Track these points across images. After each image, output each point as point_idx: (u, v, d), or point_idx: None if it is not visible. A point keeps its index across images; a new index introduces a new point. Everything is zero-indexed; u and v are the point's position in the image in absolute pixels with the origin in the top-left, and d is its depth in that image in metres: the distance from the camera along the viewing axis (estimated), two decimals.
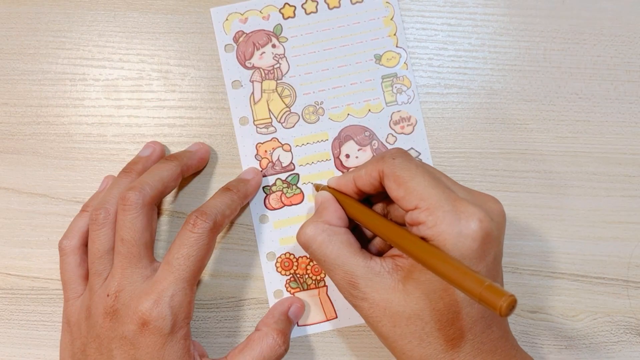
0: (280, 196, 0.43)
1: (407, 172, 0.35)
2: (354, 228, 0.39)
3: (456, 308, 0.33)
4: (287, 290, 0.43)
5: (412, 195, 0.34)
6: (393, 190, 0.35)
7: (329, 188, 0.40)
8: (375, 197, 0.39)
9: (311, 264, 0.43)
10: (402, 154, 0.36)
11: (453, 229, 0.32)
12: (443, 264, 0.30)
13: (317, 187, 0.42)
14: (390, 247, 0.38)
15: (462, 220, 0.32)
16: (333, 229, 0.37)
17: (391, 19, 0.44)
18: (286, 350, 0.39)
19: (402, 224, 0.36)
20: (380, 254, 0.39)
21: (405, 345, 0.34)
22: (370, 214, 0.37)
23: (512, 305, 0.26)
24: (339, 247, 0.36)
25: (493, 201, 0.35)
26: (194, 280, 0.37)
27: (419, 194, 0.34)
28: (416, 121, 0.44)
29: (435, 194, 0.33)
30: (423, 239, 0.33)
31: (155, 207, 0.39)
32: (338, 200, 0.39)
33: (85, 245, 0.40)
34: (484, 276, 0.28)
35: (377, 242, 0.40)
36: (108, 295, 0.37)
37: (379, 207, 0.40)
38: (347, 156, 0.43)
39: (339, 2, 0.44)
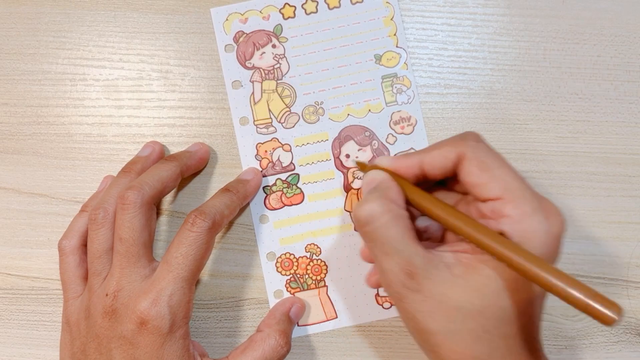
0: (281, 196, 0.43)
1: (492, 158, 0.33)
2: None
3: (522, 306, 0.32)
4: (287, 291, 0.43)
5: (497, 183, 0.32)
6: (474, 176, 0.33)
7: (382, 169, 0.36)
8: (437, 181, 0.37)
9: (311, 264, 0.43)
10: (483, 139, 0.34)
11: (542, 227, 0.31)
12: (540, 270, 0.29)
13: (364, 167, 0.39)
14: (442, 239, 0.37)
15: (550, 220, 0.31)
16: (399, 211, 0.33)
17: (391, 19, 0.44)
18: (288, 350, 0.39)
19: None
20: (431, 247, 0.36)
21: (457, 342, 0.32)
22: (438, 202, 0.34)
23: (622, 315, 0.26)
24: (404, 232, 0.33)
25: (554, 204, 0.34)
26: (193, 280, 0.37)
27: (505, 184, 0.32)
28: (416, 121, 0.44)
29: (522, 188, 0.32)
30: (500, 233, 0.31)
31: (154, 206, 0.39)
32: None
33: (84, 245, 0.40)
34: (587, 285, 0.27)
35: (430, 235, 0.38)
36: (107, 295, 0.37)
37: (440, 194, 0.37)
38: (347, 156, 0.43)
39: (339, 2, 0.44)
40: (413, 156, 0.35)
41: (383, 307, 0.43)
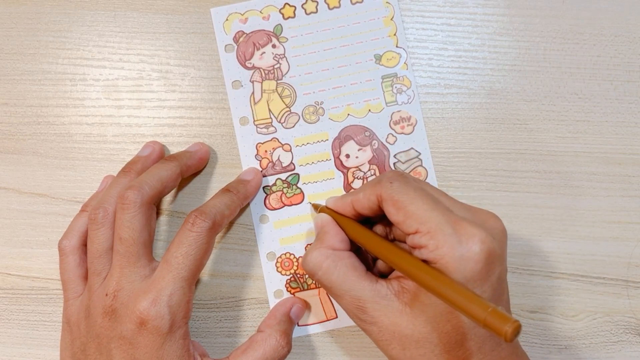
0: (281, 196, 0.43)
1: (405, 196, 0.34)
2: (357, 249, 0.39)
3: (464, 330, 0.33)
4: (288, 290, 0.43)
5: (412, 219, 0.34)
6: (392, 215, 0.35)
7: (327, 209, 0.40)
8: (376, 217, 0.39)
9: None
10: (400, 177, 0.36)
11: (455, 252, 0.32)
12: (446, 288, 0.30)
13: (316, 207, 0.42)
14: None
15: (463, 243, 0.32)
16: (337, 254, 0.36)
17: (391, 19, 0.44)
18: (289, 351, 0.39)
19: (404, 243, 0.36)
20: (385, 274, 0.38)
21: None
22: (371, 236, 0.36)
23: (517, 330, 0.26)
24: (345, 272, 0.36)
25: (494, 219, 0.35)
26: (193, 280, 0.37)
27: (419, 218, 0.33)
28: (416, 121, 0.44)
29: (435, 217, 0.33)
30: (425, 262, 0.33)
31: (154, 206, 0.39)
32: (338, 223, 0.38)
33: (84, 245, 0.40)
34: (488, 299, 0.28)
35: (381, 263, 0.40)
36: (107, 295, 0.37)
37: (379, 227, 0.39)
38: (347, 156, 0.43)
39: (339, 2, 0.44)
40: (347, 197, 0.38)
41: None
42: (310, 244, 0.43)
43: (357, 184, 0.43)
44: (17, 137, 0.45)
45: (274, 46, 0.44)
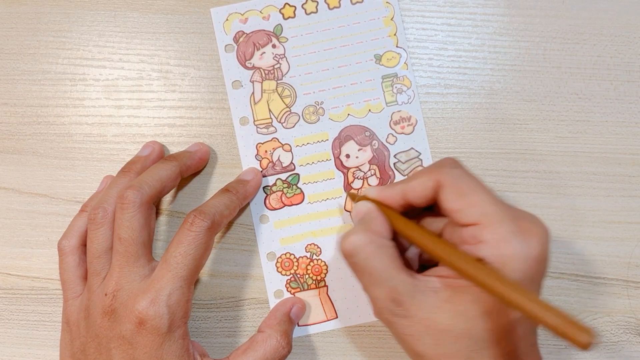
0: (281, 196, 0.43)
1: (468, 184, 0.33)
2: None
3: (509, 327, 0.32)
4: (288, 291, 0.43)
5: (474, 209, 0.33)
6: (451, 202, 0.33)
7: (370, 199, 0.38)
8: (417, 210, 0.38)
9: (311, 264, 0.43)
10: (460, 165, 0.35)
11: (519, 251, 0.31)
12: (517, 295, 0.29)
13: (354, 197, 0.41)
14: (430, 262, 0.37)
15: (526, 242, 0.31)
16: (382, 241, 0.35)
17: (391, 19, 0.44)
18: (289, 351, 0.39)
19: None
20: (417, 270, 0.37)
21: None
22: (421, 230, 0.35)
23: (595, 339, 0.27)
24: (388, 261, 0.34)
25: (538, 219, 0.34)
26: (192, 279, 0.37)
27: (482, 209, 0.32)
28: (416, 121, 0.44)
29: (499, 211, 0.32)
30: (480, 259, 0.32)
31: (153, 206, 0.39)
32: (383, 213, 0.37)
33: (84, 245, 0.40)
34: (562, 310, 0.28)
35: (411, 258, 0.39)
36: (106, 295, 0.37)
37: (426, 221, 0.38)
38: (348, 156, 0.43)
39: (339, 2, 0.44)
40: (396, 186, 0.36)
41: None
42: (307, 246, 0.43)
43: (357, 184, 0.43)
44: (17, 137, 0.45)
45: (274, 46, 0.44)
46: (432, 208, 0.37)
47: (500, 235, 0.31)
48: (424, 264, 0.39)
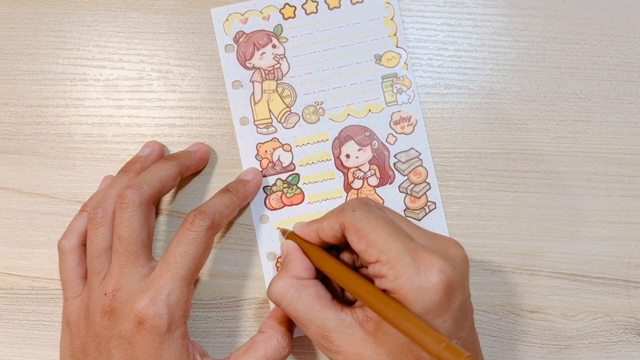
0: (281, 196, 0.43)
1: (367, 224, 0.34)
2: (325, 277, 0.39)
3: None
4: None
5: (373, 248, 0.34)
6: (355, 243, 0.35)
7: (294, 236, 0.40)
8: (342, 244, 0.39)
9: None
10: (363, 205, 0.36)
11: (413, 283, 0.32)
12: (403, 320, 0.31)
13: (284, 233, 0.42)
14: None
15: (422, 273, 0.32)
16: (301, 283, 0.36)
17: (391, 19, 0.44)
18: (290, 352, 0.39)
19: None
20: (353, 301, 0.38)
21: None
22: (334, 265, 0.36)
23: None
24: (309, 302, 0.36)
25: (455, 246, 0.35)
26: (191, 279, 0.37)
27: (380, 247, 0.33)
28: (416, 121, 0.44)
29: (395, 246, 0.33)
30: (386, 291, 0.33)
31: (153, 206, 0.39)
32: (304, 250, 0.39)
33: (84, 244, 0.40)
34: (449, 329, 0.29)
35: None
36: (106, 294, 0.37)
37: (346, 254, 0.39)
38: (348, 156, 0.44)
39: (339, 2, 0.44)
40: (312, 225, 0.38)
41: None
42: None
43: (357, 183, 0.43)
44: (17, 137, 0.45)
45: (274, 46, 0.44)
46: None
47: (397, 270, 0.32)
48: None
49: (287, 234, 0.40)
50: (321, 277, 0.38)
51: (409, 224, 0.36)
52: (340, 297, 0.39)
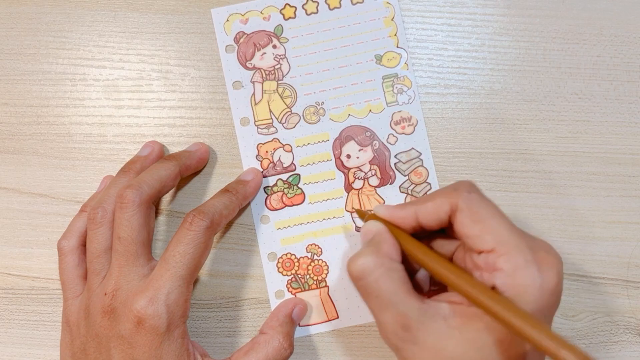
0: (282, 197, 0.43)
1: (485, 209, 0.33)
2: None
3: (520, 358, 0.31)
4: (289, 291, 0.43)
5: (490, 235, 0.32)
6: (467, 227, 0.33)
7: (378, 218, 0.37)
8: (419, 234, 0.36)
9: (312, 264, 0.43)
10: (477, 189, 0.34)
11: (535, 282, 0.30)
12: (522, 322, 0.29)
13: (363, 215, 0.39)
14: (439, 287, 0.37)
15: (543, 272, 0.31)
16: (392, 264, 0.34)
17: (392, 20, 0.44)
18: (291, 353, 0.39)
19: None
20: (425, 293, 0.37)
21: None
22: (432, 254, 0.34)
23: None
24: (397, 285, 0.33)
25: (553, 248, 0.33)
26: (191, 279, 0.37)
27: (498, 236, 0.31)
28: (417, 121, 0.44)
29: (516, 239, 0.31)
30: (492, 287, 0.31)
31: (152, 206, 0.39)
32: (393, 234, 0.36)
33: (84, 245, 0.40)
34: (576, 345, 0.27)
35: (422, 281, 0.38)
36: (106, 294, 0.37)
37: (437, 243, 0.37)
38: (348, 156, 0.44)
39: (340, 2, 0.44)
40: (408, 207, 0.35)
41: None
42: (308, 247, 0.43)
43: (357, 184, 0.43)
44: (17, 137, 0.45)
45: (274, 47, 0.44)
46: (443, 230, 0.37)
47: (517, 264, 0.31)
48: (435, 288, 0.38)
49: (368, 216, 0.37)
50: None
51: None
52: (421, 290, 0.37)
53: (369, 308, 0.34)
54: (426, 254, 0.34)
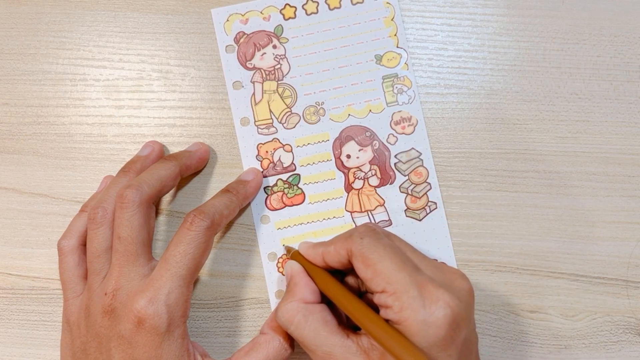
0: (282, 197, 0.43)
1: (374, 253, 0.34)
2: (330, 301, 0.38)
3: None
4: None
5: (379, 277, 0.34)
6: (361, 271, 0.35)
7: (299, 256, 0.39)
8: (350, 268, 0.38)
9: None
10: (371, 232, 0.36)
11: (418, 316, 0.32)
12: (405, 353, 0.31)
13: (289, 251, 0.42)
14: None
15: (427, 307, 0.32)
16: (308, 308, 0.36)
17: (392, 20, 0.44)
18: (291, 354, 0.39)
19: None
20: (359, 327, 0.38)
21: None
22: (338, 290, 0.36)
23: None
24: (316, 327, 0.35)
25: (461, 279, 0.35)
26: (191, 279, 0.37)
27: (386, 277, 0.33)
28: (417, 121, 0.44)
29: (402, 278, 0.33)
30: (389, 322, 0.33)
31: (153, 205, 0.39)
32: (309, 272, 0.38)
33: (84, 244, 0.40)
34: None
35: None
36: (106, 294, 0.37)
37: (351, 278, 0.39)
38: (348, 156, 0.44)
39: (340, 2, 0.44)
40: (318, 248, 0.38)
41: None
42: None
43: (357, 184, 0.43)
44: (18, 137, 0.45)
45: (274, 47, 0.44)
46: None
47: (402, 302, 0.32)
48: None
49: (292, 253, 0.40)
50: (327, 300, 0.38)
51: (416, 253, 0.36)
52: (345, 322, 0.38)
53: (305, 350, 0.36)
54: (335, 291, 0.36)
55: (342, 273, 0.39)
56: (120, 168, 0.42)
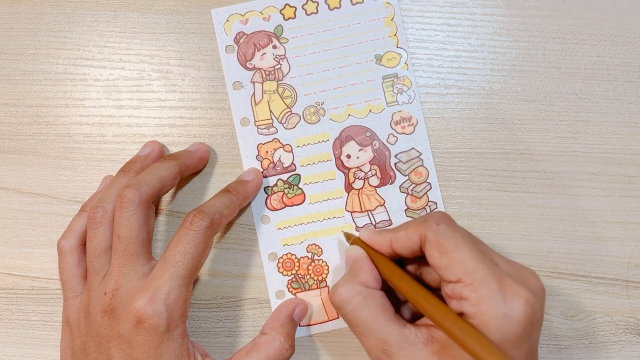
0: (282, 197, 0.43)
1: (452, 240, 0.33)
2: (387, 289, 0.37)
3: None
4: (289, 291, 0.43)
5: (456, 266, 0.32)
6: (435, 259, 0.33)
7: (361, 242, 0.38)
8: (409, 257, 0.37)
9: (313, 264, 0.43)
10: (447, 219, 0.35)
11: (499, 310, 0.31)
12: (482, 349, 0.29)
13: (349, 237, 0.40)
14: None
15: (508, 301, 0.31)
16: (369, 292, 0.35)
17: (391, 20, 0.44)
18: (292, 353, 0.39)
19: (436, 289, 0.35)
20: (413, 317, 0.38)
21: None
22: (406, 279, 0.35)
23: None
24: (375, 312, 0.34)
25: (534, 277, 0.34)
26: (191, 278, 0.37)
27: (464, 267, 0.32)
28: (417, 121, 0.44)
29: (481, 269, 0.32)
30: (461, 314, 0.32)
31: (152, 205, 0.39)
32: (371, 259, 0.37)
33: (83, 244, 0.40)
34: None
35: (410, 306, 0.38)
36: (105, 294, 0.37)
37: (411, 267, 0.38)
38: (349, 156, 0.44)
39: (340, 2, 0.44)
40: (385, 234, 0.37)
41: None
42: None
43: (358, 184, 0.43)
44: (18, 137, 0.45)
45: (274, 47, 0.44)
46: None
47: (481, 294, 0.31)
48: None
49: (353, 240, 0.39)
50: (384, 289, 0.37)
51: (488, 248, 0.35)
52: (400, 313, 0.37)
53: (355, 334, 0.35)
54: (400, 279, 0.35)
55: (400, 263, 0.38)
56: (120, 168, 0.42)
